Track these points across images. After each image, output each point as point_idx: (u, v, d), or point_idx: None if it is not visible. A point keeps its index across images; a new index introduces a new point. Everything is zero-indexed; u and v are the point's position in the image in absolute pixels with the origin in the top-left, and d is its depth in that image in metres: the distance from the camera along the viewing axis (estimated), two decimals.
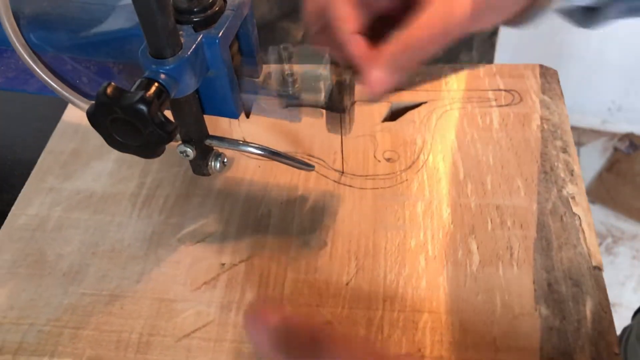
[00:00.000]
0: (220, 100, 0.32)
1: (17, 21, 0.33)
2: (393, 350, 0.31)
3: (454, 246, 0.36)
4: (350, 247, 0.37)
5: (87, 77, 0.35)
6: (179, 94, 0.29)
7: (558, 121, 0.43)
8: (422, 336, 0.32)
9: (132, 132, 0.28)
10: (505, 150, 0.41)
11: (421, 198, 0.39)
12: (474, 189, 0.39)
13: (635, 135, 1.68)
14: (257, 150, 0.34)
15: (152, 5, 0.26)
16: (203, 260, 0.36)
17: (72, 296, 0.35)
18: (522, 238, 0.36)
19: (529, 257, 0.35)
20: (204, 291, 0.34)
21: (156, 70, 0.28)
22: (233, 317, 0.33)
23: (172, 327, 0.33)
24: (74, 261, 0.37)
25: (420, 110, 0.45)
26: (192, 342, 0.32)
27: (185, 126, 0.33)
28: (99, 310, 0.34)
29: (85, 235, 0.38)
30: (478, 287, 0.34)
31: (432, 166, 0.41)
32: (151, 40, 0.28)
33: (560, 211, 0.37)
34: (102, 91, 0.27)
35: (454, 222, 0.37)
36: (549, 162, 0.40)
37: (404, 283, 0.35)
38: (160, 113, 0.27)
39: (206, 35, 0.29)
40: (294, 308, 0.33)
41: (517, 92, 0.45)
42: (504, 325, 0.32)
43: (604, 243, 1.49)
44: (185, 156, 0.34)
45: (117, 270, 0.36)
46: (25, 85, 0.36)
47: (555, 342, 0.31)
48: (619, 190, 1.56)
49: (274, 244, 0.37)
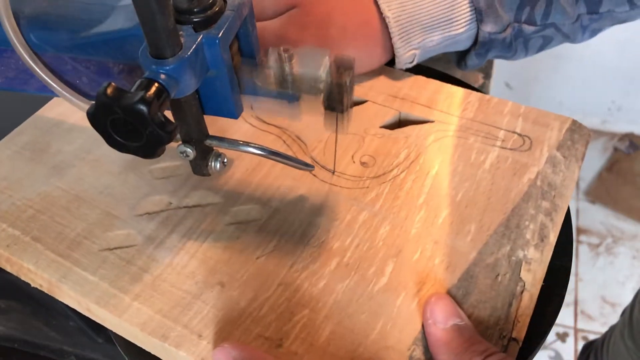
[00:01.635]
0: (220, 101, 0.32)
1: (17, 21, 0.33)
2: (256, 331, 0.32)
3: (370, 262, 0.35)
4: (280, 227, 0.37)
5: (87, 77, 0.35)
6: (179, 94, 0.29)
7: (558, 183, 0.39)
8: (290, 328, 0.32)
9: (132, 132, 0.27)
10: (479, 192, 0.39)
11: (369, 208, 0.38)
12: (423, 217, 0.37)
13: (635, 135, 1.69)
14: (257, 150, 0.34)
15: (152, 6, 0.26)
16: (157, 194, 0.39)
17: (50, 186, 0.40)
18: (441, 279, 0.34)
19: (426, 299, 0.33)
20: (143, 219, 0.37)
21: (156, 70, 0.28)
22: (151, 249, 0.36)
23: (103, 238, 0.36)
24: (65, 159, 0.41)
25: (422, 127, 0.43)
26: (110, 256, 0.35)
27: (186, 126, 0.33)
28: (61, 204, 0.39)
29: (86, 142, 0.42)
30: (368, 307, 0.33)
31: (397, 183, 0.39)
32: (151, 41, 0.28)
33: (500, 270, 0.34)
34: (102, 91, 0.26)
35: (385, 240, 0.36)
36: (518, 219, 0.37)
37: (305, 276, 0.34)
38: (160, 113, 0.27)
39: (206, 36, 0.29)
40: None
41: (530, 139, 0.42)
42: (369, 351, 0.31)
43: (604, 243, 1.49)
44: (185, 156, 0.34)
45: (91, 178, 0.40)
46: (25, 85, 0.36)
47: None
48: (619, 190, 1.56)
49: (220, 203, 0.38)
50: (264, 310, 0.32)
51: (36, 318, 0.52)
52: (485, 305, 0.33)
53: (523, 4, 0.44)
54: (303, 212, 0.38)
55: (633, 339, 0.68)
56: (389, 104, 0.45)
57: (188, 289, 0.33)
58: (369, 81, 0.46)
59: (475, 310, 0.33)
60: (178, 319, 0.32)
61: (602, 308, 1.36)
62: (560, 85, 1.75)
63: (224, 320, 0.32)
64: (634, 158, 1.63)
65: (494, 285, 0.34)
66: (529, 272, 0.34)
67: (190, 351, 0.31)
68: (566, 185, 0.39)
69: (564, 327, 1.34)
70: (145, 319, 0.32)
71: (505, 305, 0.33)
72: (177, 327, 0.32)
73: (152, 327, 0.32)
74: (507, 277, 0.34)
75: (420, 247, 0.35)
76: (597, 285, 1.40)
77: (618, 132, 1.70)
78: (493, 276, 0.34)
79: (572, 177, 0.40)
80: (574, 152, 0.41)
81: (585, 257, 1.45)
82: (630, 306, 0.71)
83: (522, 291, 0.33)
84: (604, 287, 1.40)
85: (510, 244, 0.36)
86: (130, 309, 0.32)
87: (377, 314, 0.32)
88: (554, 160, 0.40)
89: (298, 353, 0.31)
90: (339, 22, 0.43)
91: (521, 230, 0.36)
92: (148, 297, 0.33)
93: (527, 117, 0.43)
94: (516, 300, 0.33)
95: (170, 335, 0.31)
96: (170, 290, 0.33)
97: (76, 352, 0.55)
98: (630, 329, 0.69)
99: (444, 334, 0.30)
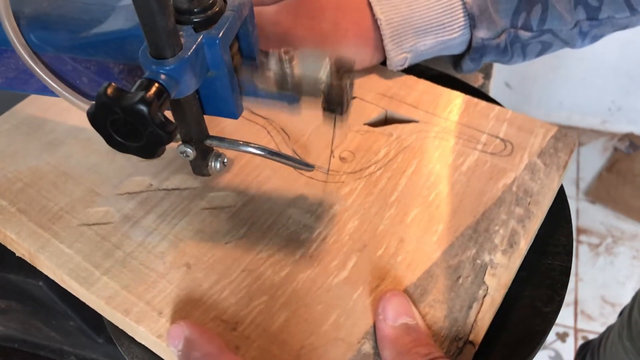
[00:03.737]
0: (221, 101, 0.32)
1: (17, 21, 0.33)
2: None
3: (334, 255, 0.35)
4: (252, 215, 0.37)
5: (87, 77, 0.35)
6: (179, 94, 0.29)
7: (535, 190, 0.38)
8: (247, 313, 0.32)
9: (132, 132, 0.27)
10: (452, 193, 0.38)
11: (341, 203, 0.37)
12: (393, 215, 0.37)
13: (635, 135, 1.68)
14: (256, 150, 0.34)
15: (152, 6, 0.25)
16: (140, 175, 0.40)
17: (40, 161, 0.41)
18: (400, 277, 0.34)
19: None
20: (124, 198, 0.38)
21: (156, 70, 0.27)
22: (127, 228, 0.36)
23: (83, 214, 0.37)
24: (60, 137, 0.42)
25: (406, 126, 0.42)
26: (87, 231, 0.36)
27: (186, 126, 0.32)
28: (49, 179, 0.39)
29: (80, 121, 0.43)
30: (325, 298, 0.32)
31: (373, 180, 0.39)
32: (151, 41, 0.27)
33: (462, 272, 0.34)
34: (102, 91, 0.26)
35: (352, 234, 0.36)
36: (487, 223, 0.36)
37: (269, 264, 0.34)
38: (160, 113, 0.26)
39: (206, 36, 0.28)
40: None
41: (512, 144, 0.41)
42: (320, 341, 0.31)
43: (604, 243, 1.49)
44: (185, 156, 0.34)
45: (81, 155, 0.41)
46: (25, 85, 0.36)
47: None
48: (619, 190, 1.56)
49: (198, 187, 0.39)
50: (224, 294, 0.33)
51: (36, 318, 0.51)
52: (442, 305, 0.32)
53: (519, 10, 0.43)
54: (276, 203, 0.38)
55: (632, 339, 0.68)
56: (377, 101, 0.44)
57: (155, 268, 0.34)
58: (360, 78, 0.46)
59: (432, 310, 0.32)
60: (142, 295, 0.33)
61: (602, 308, 1.36)
62: (560, 85, 1.75)
63: (185, 301, 0.32)
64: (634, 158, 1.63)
65: (454, 286, 0.33)
66: (493, 276, 0.34)
67: (149, 327, 0.31)
68: (543, 193, 0.38)
69: (564, 327, 1.34)
70: (111, 293, 0.33)
71: (464, 308, 0.32)
72: (140, 303, 0.32)
73: (117, 301, 0.32)
74: (469, 280, 0.34)
75: (385, 244, 0.35)
76: (597, 285, 1.40)
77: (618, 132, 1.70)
78: (454, 278, 0.34)
79: (550, 185, 0.39)
80: (556, 160, 0.40)
81: (585, 257, 1.45)
82: (629, 307, 0.71)
83: (484, 295, 0.33)
84: (604, 287, 1.40)
85: (477, 247, 0.35)
86: (98, 283, 0.33)
87: (332, 306, 0.32)
88: (534, 167, 0.40)
89: (250, 337, 0.31)
90: (332, 18, 0.43)
91: (490, 235, 0.36)
92: (117, 273, 0.34)
93: (512, 123, 0.42)
94: (477, 303, 0.33)
95: (133, 310, 0.32)
96: (138, 268, 0.34)
97: (76, 352, 0.55)
98: (629, 330, 0.68)
99: (392, 331, 0.30)
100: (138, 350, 0.34)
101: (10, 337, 0.56)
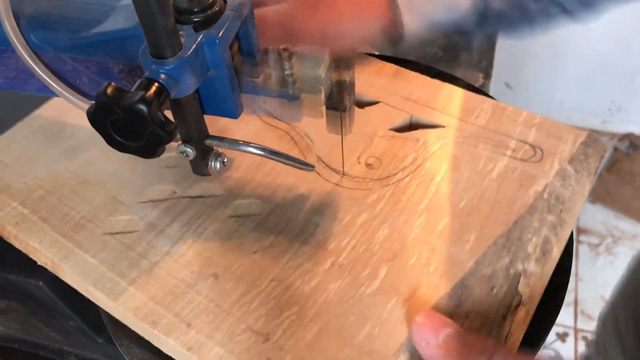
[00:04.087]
0: (221, 100, 0.31)
1: (17, 21, 0.33)
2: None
3: (365, 264, 0.34)
4: (279, 223, 0.36)
5: (87, 77, 0.34)
6: (179, 94, 0.28)
7: (566, 197, 0.37)
8: (279, 324, 0.31)
9: (132, 132, 0.26)
10: (484, 201, 0.37)
11: (369, 210, 0.37)
12: (423, 223, 0.36)
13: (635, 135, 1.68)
14: (257, 150, 0.34)
15: (152, 5, 0.25)
16: (163, 182, 0.39)
17: (61, 168, 0.40)
18: (434, 286, 0.33)
19: (417, 306, 0.32)
20: (147, 206, 0.37)
21: (156, 70, 0.27)
22: (152, 237, 0.36)
23: (106, 222, 0.37)
24: (80, 142, 0.42)
25: (432, 132, 0.42)
26: (111, 240, 0.36)
27: (186, 126, 0.32)
28: (69, 186, 0.39)
29: None
30: (358, 309, 0.32)
31: (401, 187, 0.38)
32: (151, 40, 0.27)
33: (496, 282, 0.33)
34: (102, 91, 0.26)
35: (382, 243, 0.35)
36: (520, 232, 0.35)
37: (298, 274, 0.33)
38: (160, 113, 0.26)
39: (206, 36, 0.28)
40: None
41: (542, 150, 0.40)
42: (354, 353, 0.30)
43: (604, 243, 1.49)
44: (185, 156, 0.34)
45: (101, 162, 0.40)
46: (25, 85, 0.36)
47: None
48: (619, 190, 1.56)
49: (222, 195, 0.38)
50: (254, 304, 0.32)
51: (36, 318, 0.51)
52: (477, 316, 0.32)
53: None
54: (303, 210, 0.37)
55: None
56: (401, 106, 0.43)
57: (183, 278, 0.33)
58: (383, 82, 0.45)
59: (466, 321, 0.31)
60: (170, 306, 0.32)
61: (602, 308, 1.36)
62: (560, 85, 1.75)
63: (214, 312, 0.32)
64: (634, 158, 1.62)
65: (489, 297, 0.32)
66: (527, 286, 0.33)
67: (179, 340, 0.31)
68: (575, 200, 0.37)
69: (564, 327, 1.34)
70: (138, 304, 0.32)
71: (498, 318, 0.32)
72: (169, 314, 0.31)
73: (144, 312, 0.32)
74: (504, 290, 0.33)
75: (416, 253, 0.34)
76: (597, 285, 1.40)
77: (618, 132, 1.70)
78: (489, 288, 0.33)
79: (582, 192, 0.38)
80: (587, 167, 0.39)
81: (585, 257, 1.45)
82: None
83: (517, 305, 0.32)
84: (604, 287, 1.39)
85: (510, 256, 0.34)
86: (125, 293, 0.33)
87: (365, 317, 0.31)
88: (565, 173, 0.39)
89: (283, 349, 0.30)
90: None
91: (523, 243, 0.35)
92: (143, 283, 0.33)
93: (540, 128, 0.42)
94: (511, 314, 0.32)
95: (161, 322, 0.31)
96: (165, 278, 0.33)
97: (76, 352, 0.54)
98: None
99: (441, 350, 0.29)
100: (138, 350, 0.33)
101: (10, 337, 0.55)
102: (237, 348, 0.30)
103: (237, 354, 0.30)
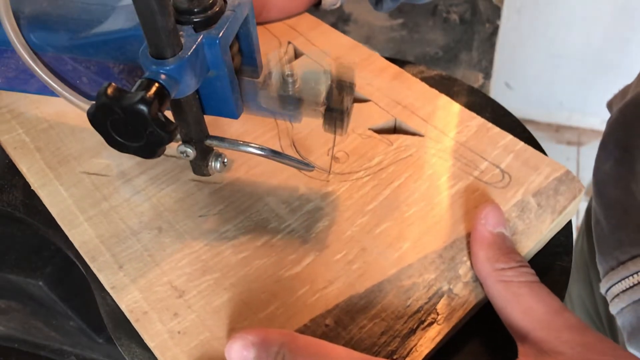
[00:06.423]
0: (221, 101, 0.32)
1: (17, 21, 0.33)
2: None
3: (294, 249, 0.34)
4: (232, 195, 0.38)
5: (87, 77, 0.35)
6: (179, 94, 0.29)
7: (519, 230, 0.35)
8: (197, 284, 0.33)
9: (132, 132, 0.27)
10: (431, 214, 0.36)
11: (319, 201, 0.37)
12: (364, 223, 0.36)
13: None
14: (257, 150, 0.34)
15: (153, 6, 0.25)
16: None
17: (69, 109, 0.42)
18: (349, 284, 0.33)
19: (326, 298, 0.32)
20: (126, 156, 0.40)
21: (156, 70, 0.27)
22: (119, 183, 0.39)
23: (87, 162, 0.40)
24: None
25: (409, 138, 0.41)
26: (85, 179, 0.39)
27: (186, 126, 0.32)
28: (69, 125, 0.43)
29: None
30: (271, 289, 0.32)
31: (357, 185, 0.38)
32: (151, 41, 0.27)
33: (412, 294, 0.32)
34: (103, 91, 0.26)
35: (318, 234, 0.35)
36: (455, 252, 0.35)
37: (231, 245, 0.35)
38: (160, 113, 0.26)
39: (206, 36, 0.28)
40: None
41: (510, 177, 0.38)
42: (251, 326, 0.31)
43: None
44: (186, 156, 0.34)
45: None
46: (25, 85, 0.36)
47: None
48: None
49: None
50: (183, 262, 0.34)
51: (36, 318, 0.51)
52: (381, 323, 0.32)
53: None
54: (258, 188, 0.38)
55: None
56: (389, 108, 0.43)
57: (131, 225, 0.36)
58: (381, 82, 0.45)
59: (369, 324, 0.31)
60: (111, 247, 0.35)
61: None
62: (560, 85, 1.73)
63: (146, 261, 0.34)
64: None
65: (402, 307, 0.32)
66: (447, 307, 0.32)
67: (107, 278, 0.34)
68: (528, 234, 0.35)
69: None
70: (86, 239, 0.35)
71: (405, 330, 0.31)
72: (107, 254, 0.35)
73: (88, 247, 0.35)
74: (420, 304, 0.32)
75: (345, 250, 0.35)
76: None
77: None
78: (404, 298, 0.33)
79: (539, 227, 0.36)
80: (553, 204, 0.37)
81: None
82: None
83: (432, 323, 0.32)
84: None
85: (437, 273, 0.34)
86: (79, 227, 0.36)
87: (275, 297, 0.33)
88: (525, 205, 0.37)
89: (191, 307, 0.32)
90: None
91: (455, 264, 0.34)
92: (97, 222, 0.36)
93: (519, 155, 0.40)
94: (422, 329, 0.31)
95: (99, 259, 0.35)
96: (117, 222, 0.36)
97: (76, 352, 0.54)
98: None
99: (491, 235, 0.33)
100: (138, 350, 0.34)
101: (10, 337, 0.55)
102: (152, 297, 0.33)
103: (151, 302, 0.32)
